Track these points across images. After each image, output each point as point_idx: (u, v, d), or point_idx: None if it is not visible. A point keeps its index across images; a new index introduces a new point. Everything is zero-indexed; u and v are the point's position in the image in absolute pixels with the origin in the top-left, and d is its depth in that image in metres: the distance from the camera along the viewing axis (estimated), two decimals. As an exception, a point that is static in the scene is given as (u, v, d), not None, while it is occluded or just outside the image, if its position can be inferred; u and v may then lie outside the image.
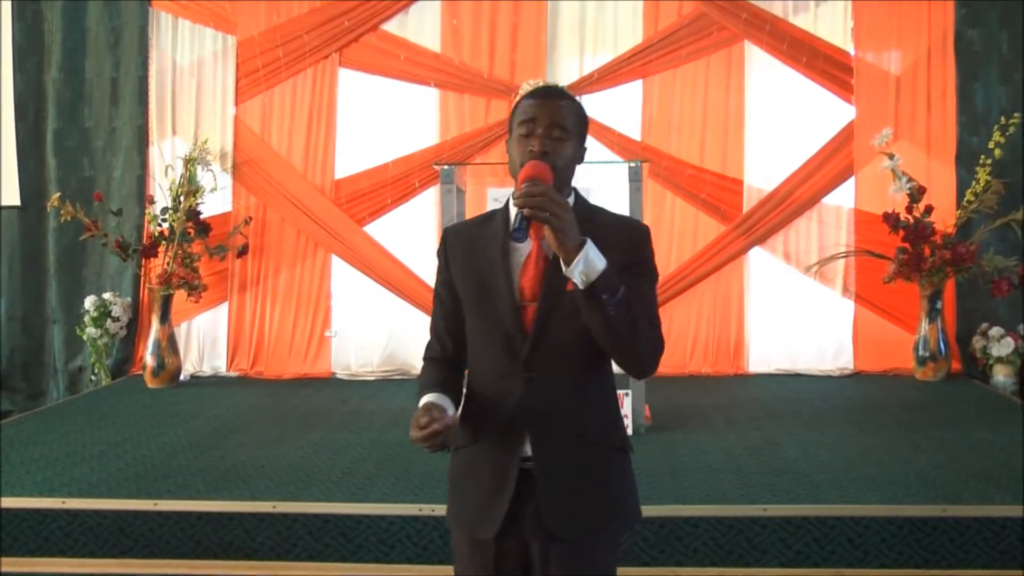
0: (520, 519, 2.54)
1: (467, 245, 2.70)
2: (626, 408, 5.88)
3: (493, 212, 2.77)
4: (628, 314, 2.41)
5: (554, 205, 2.32)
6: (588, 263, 2.34)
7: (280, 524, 4.55)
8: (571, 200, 2.62)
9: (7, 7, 8.80)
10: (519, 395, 2.55)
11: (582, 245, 2.34)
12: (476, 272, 2.64)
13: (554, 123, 2.54)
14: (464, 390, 2.72)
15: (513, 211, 2.54)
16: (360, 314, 8.54)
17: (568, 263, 2.34)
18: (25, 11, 8.83)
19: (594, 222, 2.54)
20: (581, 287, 2.36)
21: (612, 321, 2.39)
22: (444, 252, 2.75)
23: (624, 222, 2.69)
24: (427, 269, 8.26)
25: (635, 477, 2.75)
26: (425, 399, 2.56)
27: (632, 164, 6.11)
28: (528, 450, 2.54)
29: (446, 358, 2.78)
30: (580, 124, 2.63)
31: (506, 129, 2.68)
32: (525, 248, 2.57)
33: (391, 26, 8.61)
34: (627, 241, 2.57)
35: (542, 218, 2.31)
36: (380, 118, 8.60)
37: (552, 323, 2.53)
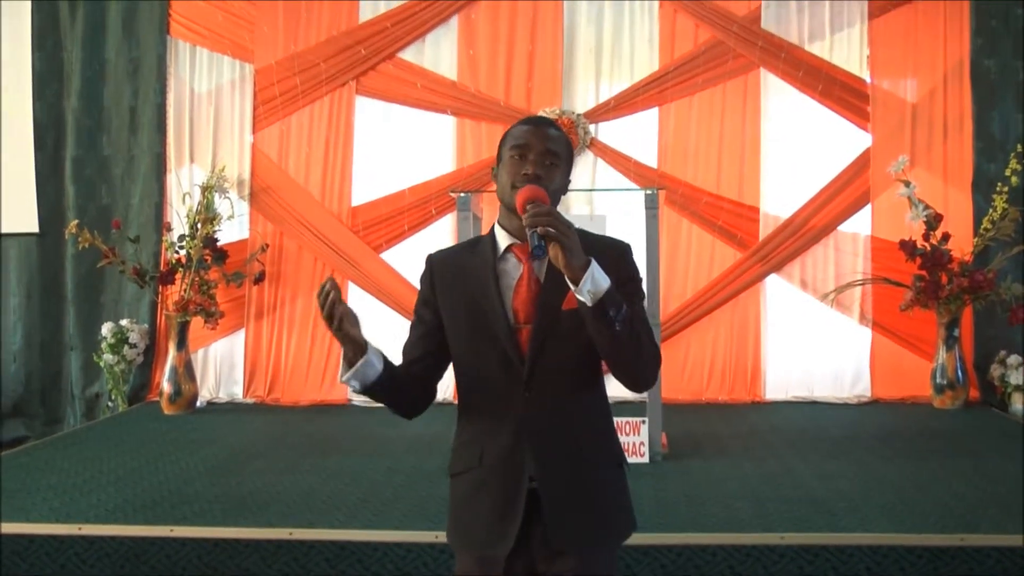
0: (528, 537, 2.57)
1: (455, 271, 2.74)
2: (643, 435, 5.87)
3: (478, 238, 2.83)
4: (632, 329, 2.46)
5: (561, 224, 2.36)
6: (595, 281, 2.37)
7: (297, 551, 4.53)
8: None
9: (28, 37, 8.88)
10: (520, 416, 2.59)
11: (588, 264, 2.38)
12: (467, 297, 2.67)
13: (547, 150, 2.60)
14: (421, 404, 2.83)
15: (501, 235, 2.69)
16: (376, 340, 8.46)
17: (576, 281, 2.37)
18: (45, 41, 8.92)
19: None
20: (589, 304, 2.38)
21: (619, 336, 2.43)
22: (430, 277, 2.80)
23: (607, 242, 2.71)
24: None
25: (630, 490, 2.77)
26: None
27: (648, 191, 6.10)
28: (532, 469, 2.57)
29: (410, 372, 2.80)
30: (568, 155, 2.70)
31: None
32: (515, 271, 2.64)
33: (408, 54, 8.66)
34: (614, 261, 2.57)
35: (552, 236, 2.34)
36: (397, 145, 8.65)
37: (548, 344, 2.58)
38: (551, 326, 2.57)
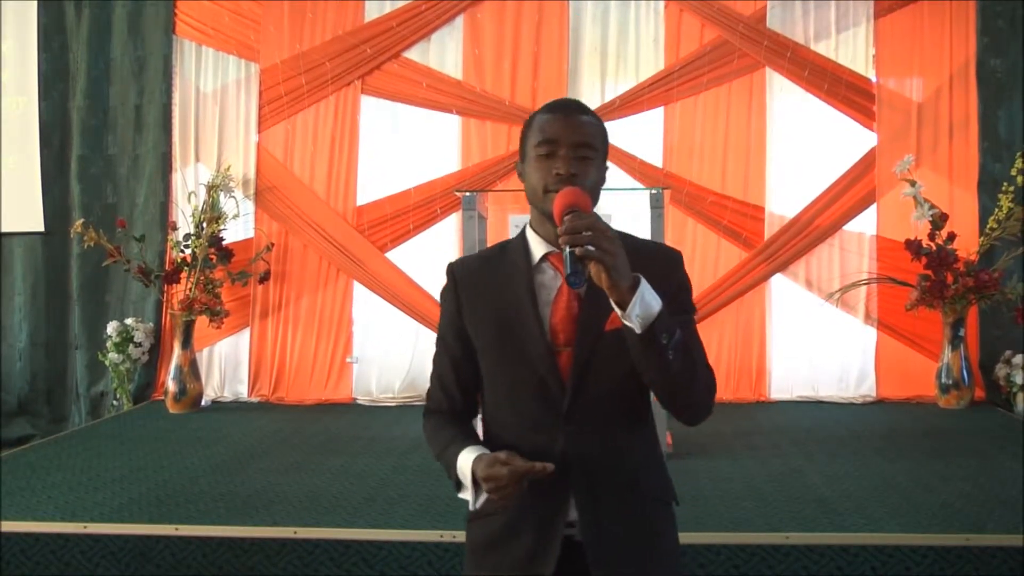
0: None
1: (483, 283, 2.42)
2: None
3: (505, 244, 2.50)
4: (687, 356, 2.20)
5: (604, 239, 2.05)
6: (644, 304, 2.08)
7: (301, 550, 4.54)
8: None
9: (34, 37, 8.90)
10: (560, 452, 2.30)
11: (637, 284, 2.08)
12: (498, 313, 2.37)
13: (580, 142, 2.28)
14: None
15: (535, 242, 2.38)
16: (381, 340, 8.55)
17: (623, 305, 2.07)
18: (51, 41, 8.95)
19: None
20: (638, 331, 2.09)
21: (671, 366, 2.16)
22: (454, 291, 2.46)
23: (656, 249, 2.43)
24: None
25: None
26: (469, 452, 2.30)
27: (654, 191, 6.10)
28: (572, 513, 2.31)
29: (455, 411, 2.50)
30: (604, 142, 2.38)
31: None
32: (553, 284, 2.34)
33: (413, 54, 8.66)
34: (663, 271, 2.31)
35: (593, 256, 2.02)
36: (402, 145, 8.65)
37: (591, 369, 2.30)
38: (595, 348, 2.28)
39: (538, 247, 2.38)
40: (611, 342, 2.23)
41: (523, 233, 2.43)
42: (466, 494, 2.33)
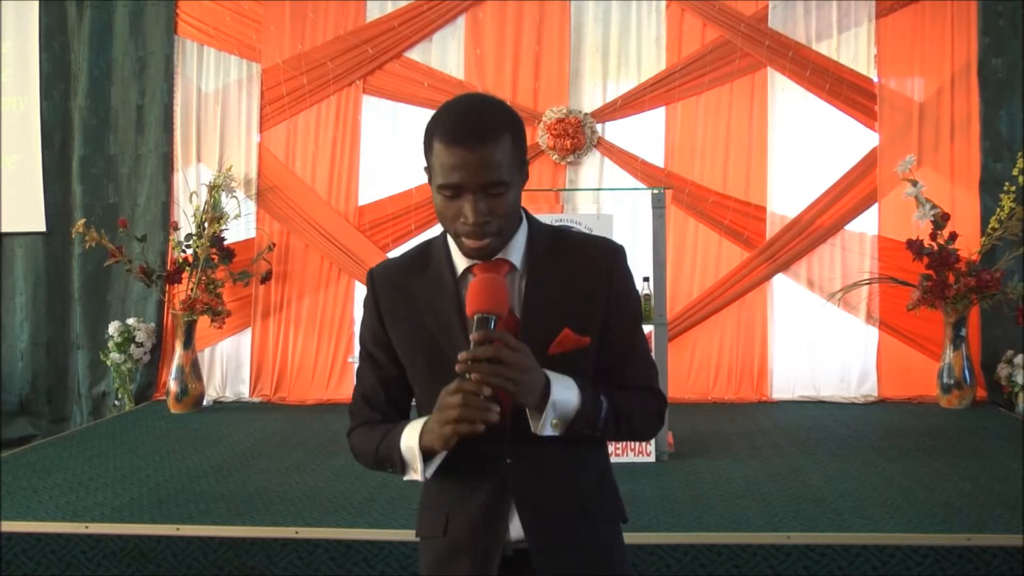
0: None
1: (405, 294, 2.21)
2: (648, 435, 5.87)
3: (427, 246, 2.27)
4: (619, 424, 2.12)
5: (508, 369, 1.91)
6: (559, 409, 1.98)
7: (302, 550, 4.53)
8: (523, 227, 2.19)
9: (35, 37, 8.90)
10: (500, 477, 2.15)
11: (547, 394, 1.97)
12: (423, 330, 2.17)
13: (488, 182, 2.01)
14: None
15: (458, 253, 2.17)
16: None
17: (537, 414, 1.98)
18: (53, 41, 8.94)
19: (558, 252, 2.17)
20: (559, 433, 2.00)
21: (606, 437, 2.17)
22: (374, 303, 2.26)
23: (594, 246, 2.22)
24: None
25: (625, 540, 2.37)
26: (412, 428, 2.14)
27: (655, 191, 6.10)
28: (512, 533, 2.15)
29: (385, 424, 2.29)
30: (518, 155, 2.11)
31: (531, 156, 2.24)
32: None
33: (414, 54, 8.66)
34: (605, 272, 2.16)
35: (496, 392, 1.92)
36: (404, 145, 8.63)
37: None
38: None
39: (461, 260, 2.17)
40: (557, 361, 2.05)
41: (445, 238, 2.21)
42: (414, 475, 2.15)
